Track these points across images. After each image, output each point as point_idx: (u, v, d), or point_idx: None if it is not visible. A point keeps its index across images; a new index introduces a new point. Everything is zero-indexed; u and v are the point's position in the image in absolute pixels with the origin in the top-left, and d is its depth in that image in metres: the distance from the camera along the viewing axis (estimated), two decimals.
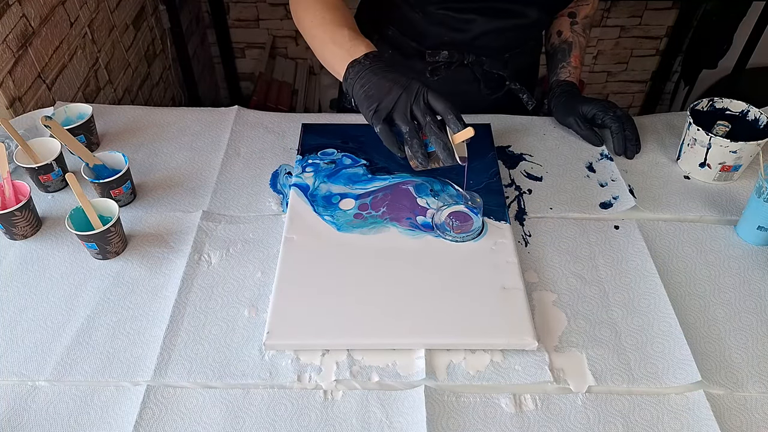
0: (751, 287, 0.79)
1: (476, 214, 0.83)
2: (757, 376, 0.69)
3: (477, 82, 1.09)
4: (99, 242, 0.79)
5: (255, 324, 0.74)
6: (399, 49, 1.07)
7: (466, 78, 1.08)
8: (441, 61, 1.05)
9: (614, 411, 0.66)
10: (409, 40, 1.05)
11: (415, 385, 0.68)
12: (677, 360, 0.70)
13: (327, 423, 0.65)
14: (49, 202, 0.91)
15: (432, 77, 1.06)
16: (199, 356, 0.71)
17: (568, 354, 0.71)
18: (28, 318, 0.75)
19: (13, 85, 1.04)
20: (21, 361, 0.70)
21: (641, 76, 2.30)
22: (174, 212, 0.89)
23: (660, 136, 1.04)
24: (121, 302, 0.77)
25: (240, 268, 0.81)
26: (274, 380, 0.68)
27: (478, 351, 0.71)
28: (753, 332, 0.73)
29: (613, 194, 0.92)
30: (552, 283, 0.79)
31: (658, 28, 2.14)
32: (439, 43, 1.04)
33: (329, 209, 0.86)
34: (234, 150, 1.00)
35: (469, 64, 1.06)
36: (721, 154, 0.91)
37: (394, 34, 1.06)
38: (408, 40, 1.06)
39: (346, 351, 0.71)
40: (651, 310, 0.76)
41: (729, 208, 0.90)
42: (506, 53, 1.07)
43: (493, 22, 1.00)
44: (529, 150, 1.01)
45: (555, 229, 0.87)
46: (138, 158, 0.99)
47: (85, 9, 1.30)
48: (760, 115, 0.93)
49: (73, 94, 1.25)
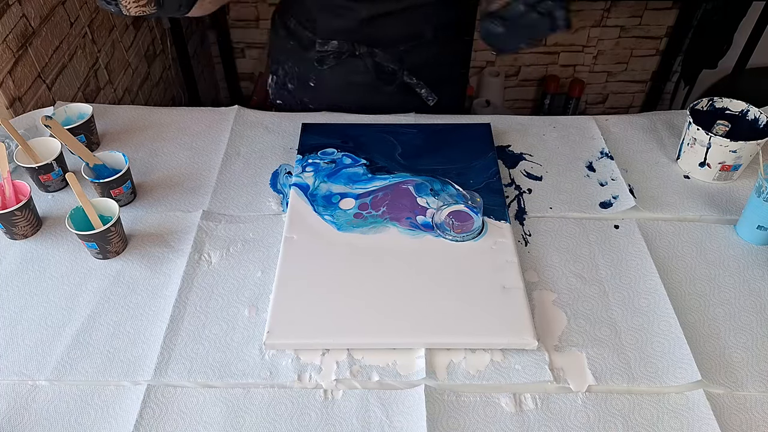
0: (751, 287, 0.79)
1: (476, 214, 0.83)
2: (756, 375, 0.69)
3: (369, 74, 1.04)
4: (99, 242, 0.79)
5: (255, 323, 0.74)
6: (299, 42, 1.05)
7: (358, 69, 1.05)
8: (330, 50, 1.02)
9: (614, 410, 0.66)
10: (305, 30, 1.04)
11: (415, 384, 0.68)
12: (677, 359, 0.70)
13: (327, 422, 0.65)
14: (49, 202, 0.91)
15: (321, 66, 1.04)
16: (199, 356, 0.71)
17: (568, 353, 0.71)
18: (28, 318, 0.75)
19: (13, 85, 1.04)
20: (21, 360, 0.70)
21: (641, 76, 2.30)
22: (174, 212, 0.89)
23: (660, 135, 1.04)
24: (121, 302, 0.77)
25: (240, 268, 0.81)
26: (275, 380, 0.69)
27: (478, 350, 0.71)
28: (753, 332, 0.74)
29: (613, 194, 0.92)
30: (552, 282, 0.79)
31: (658, 28, 2.14)
32: (332, 31, 1.02)
33: (329, 209, 0.86)
34: (234, 150, 1.00)
35: (361, 56, 1.03)
36: (721, 154, 0.91)
37: (294, 26, 1.06)
38: (304, 30, 1.04)
39: (347, 350, 0.71)
40: (651, 309, 0.76)
41: (729, 207, 0.90)
42: (401, 45, 1.02)
43: (380, 3, 0.96)
44: (529, 149, 1.01)
45: (555, 229, 0.87)
46: (138, 158, 0.99)
47: (85, 9, 1.30)
48: (760, 114, 0.93)
49: (73, 94, 1.25)
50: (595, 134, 1.04)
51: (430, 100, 1.07)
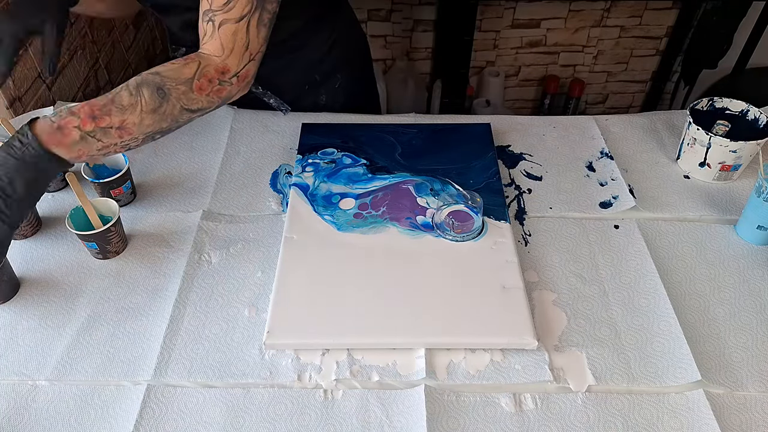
0: (751, 286, 0.79)
1: (476, 214, 0.83)
2: (756, 375, 0.69)
3: None
4: (99, 242, 0.79)
5: (255, 323, 0.74)
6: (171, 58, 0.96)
7: None
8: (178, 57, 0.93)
9: (614, 410, 0.66)
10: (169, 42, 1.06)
11: (415, 384, 0.68)
12: (677, 359, 0.70)
13: (327, 422, 0.65)
14: (49, 202, 0.91)
15: None
16: (199, 356, 0.71)
17: (568, 353, 0.71)
18: (28, 318, 0.75)
19: (13, 85, 1.04)
20: (21, 360, 0.70)
21: (641, 76, 2.30)
22: (174, 212, 0.89)
23: (660, 135, 1.04)
24: (121, 302, 0.77)
25: (240, 268, 0.81)
26: (275, 379, 0.69)
27: (478, 350, 0.71)
28: (753, 331, 0.74)
29: (613, 194, 0.92)
30: (552, 282, 0.79)
31: (658, 28, 2.14)
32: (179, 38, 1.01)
33: (329, 209, 0.86)
34: (234, 150, 1.00)
35: None
36: (721, 154, 0.91)
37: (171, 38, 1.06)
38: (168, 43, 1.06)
39: (346, 350, 0.71)
40: (651, 309, 0.76)
41: (729, 207, 0.90)
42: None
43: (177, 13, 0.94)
44: (529, 149, 1.01)
45: (555, 229, 0.87)
46: (138, 158, 0.99)
47: None
48: (760, 114, 0.93)
49: (73, 94, 1.25)
50: (595, 134, 1.04)
51: (283, 110, 1.04)
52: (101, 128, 0.67)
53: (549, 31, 2.13)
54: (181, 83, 0.69)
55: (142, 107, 0.68)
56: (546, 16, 2.08)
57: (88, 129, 0.66)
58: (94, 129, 0.66)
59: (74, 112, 0.66)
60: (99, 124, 0.66)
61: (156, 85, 0.68)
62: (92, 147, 0.67)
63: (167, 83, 0.69)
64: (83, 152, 0.67)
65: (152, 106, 0.68)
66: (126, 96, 0.68)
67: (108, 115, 0.67)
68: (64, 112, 0.66)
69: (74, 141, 0.66)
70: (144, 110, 0.68)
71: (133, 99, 0.68)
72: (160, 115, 0.69)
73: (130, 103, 0.67)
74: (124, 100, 0.68)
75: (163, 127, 0.71)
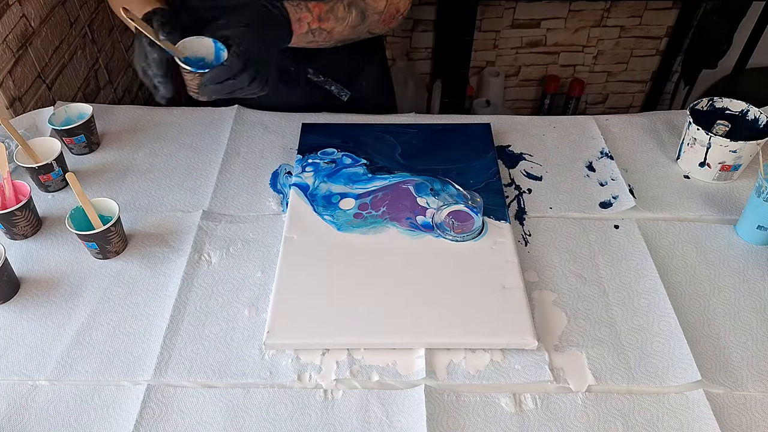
0: (751, 286, 0.79)
1: (476, 214, 0.83)
2: (756, 375, 0.69)
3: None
4: (99, 242, 0.79)
5: (255, 323, 0.74)
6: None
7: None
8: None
9: (614, 410, 0.66)
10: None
11: (415, 384, 0.68)
12: (677, 359, 0.70)
13: (327, 422, 0.65)
14: (49, 202, 0.91)
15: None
16: (199, 356, 0.71)
17: (567, 353, 0.71)
18: (28, 318, 0.75)
19: (13, 85, 1.04)
20: (21, 360, 0.70)
21: (641, 76, 2.30)
22: (174, 212, 0.89)
23: (660, 135, 1.04)
24: (121, 302, 0.77)
25: (240, 268, 0.81)
26: (274, 379, 0.69)
27: (478, 350, 0.71)
28: (753, 331, 0.74)
29: (613, 194, 0.92)
30: (552, 282, 0.79)
31: (658, 28, 2.14)
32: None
33: (329, 209, 0.86)
34: (234, 150, 1.00)
35: None
36: (721, 154, 0.91)
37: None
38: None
39: (346, 350, 0.71)
40: (651, 309, 0.76)
41: (729, 207, 0.90)
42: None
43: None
44: (529, 149, 1.01)
45: (555, 229, 0.87)
46: (138, 158, 0.99)
47: (85, 9, 1.30)
48: (760, 114, 0.93)
49: (73, 94, 1.25)
50: (595, 134, 1.04)
51: (343, 95, 1.07)
52: (320, 29, 0.84)
53: (549, 31, 2.13)
54: (376, 12, 0.90)
55: (349, 22, 0.88)
56: (546, 16, 2.08)
57: (314, 27, 0.84)
58: (317, 27, 0.84)
59: (311, 9, 0.83)
60: (321, 25, 0.84)
61: (361, 9, 0.88)
62: (306, 39, 0.85)
63: (368, 10, 0.89)
64: (298, 42, 0.84)
65: (354, 24, 0.88)
66: (341, 10, 0.86)
67: (327, 20, 0.85)
68: (303, 6, 0.82)
69: (303, 33, 0.83)
70: (349, 24, 0.88)
71: (346, 13, 0.86)
72: (356, 32, 0.90)
73: (342, 16, 0.86)
74: (339, 13, 0.86)
75: (349, 39, 0.90)
